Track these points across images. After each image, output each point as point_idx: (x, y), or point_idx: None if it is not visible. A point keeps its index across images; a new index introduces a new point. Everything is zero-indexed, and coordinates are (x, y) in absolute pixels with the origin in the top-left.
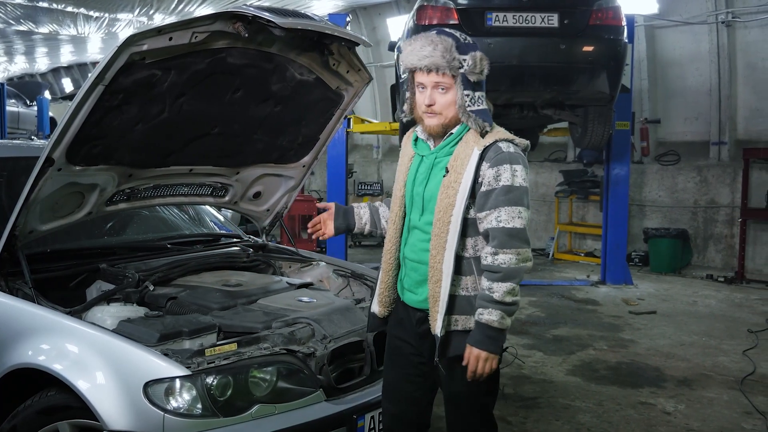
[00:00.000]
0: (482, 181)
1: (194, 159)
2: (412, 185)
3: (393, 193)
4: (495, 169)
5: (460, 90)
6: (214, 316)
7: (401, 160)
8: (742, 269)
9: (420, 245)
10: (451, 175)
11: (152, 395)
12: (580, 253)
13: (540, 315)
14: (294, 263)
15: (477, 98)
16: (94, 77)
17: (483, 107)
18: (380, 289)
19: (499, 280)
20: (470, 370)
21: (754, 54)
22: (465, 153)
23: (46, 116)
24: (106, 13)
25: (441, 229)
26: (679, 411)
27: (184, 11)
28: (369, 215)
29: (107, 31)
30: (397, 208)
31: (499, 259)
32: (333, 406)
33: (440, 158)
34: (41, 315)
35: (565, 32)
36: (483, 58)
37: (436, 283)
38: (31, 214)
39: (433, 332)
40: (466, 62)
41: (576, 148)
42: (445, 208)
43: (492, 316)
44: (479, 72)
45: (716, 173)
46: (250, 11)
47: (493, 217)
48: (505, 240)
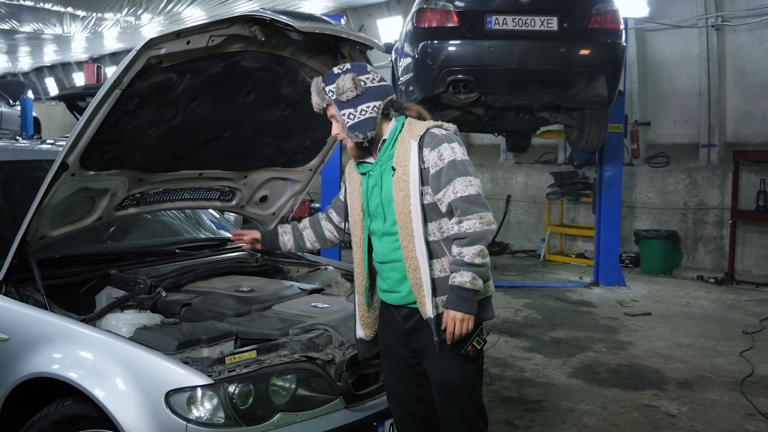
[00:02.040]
0: (428, 166)
1: (204, 163)
2: (367, 201)
3: (351, 218)
4: (436, 151)
5: (339, 114)
6: (230, 322)
7: (351, 187)
8: (732, 270)
9: (392, 246)
10: (398, 171)
11: (174, 405)
12: (571, 255)
13: (536, 317)
14: (301, 267)
15: (360, 111)
16: (112, 81)
17: (365, 117)
18: (359, 312)
19: (467, 244)
20: (449, 331)
21: (743, 57)
22: (404, 148)
23: (30, 116)
24: (94, 12)
25: (404, 220)
26: (683, 413)
27: (172, 11)
28: (293, 242)
29: (93, 31)
30: (359, 232)
31: (464, 226)
32: (353, 414)
33: (384, 164)
34: (55, 323)
35: (565, 35)
36: (346, 79)
37: (415, 270)
38: (42, 219)
39: (425, 317)
40: (332, 90)
41: (566, 150)
42: (402, 200)
43: (464, 277)
44: (346, 91)
45: (705, 175)
46: (267, 15)
47: (450, 191)
48: (466, 207)
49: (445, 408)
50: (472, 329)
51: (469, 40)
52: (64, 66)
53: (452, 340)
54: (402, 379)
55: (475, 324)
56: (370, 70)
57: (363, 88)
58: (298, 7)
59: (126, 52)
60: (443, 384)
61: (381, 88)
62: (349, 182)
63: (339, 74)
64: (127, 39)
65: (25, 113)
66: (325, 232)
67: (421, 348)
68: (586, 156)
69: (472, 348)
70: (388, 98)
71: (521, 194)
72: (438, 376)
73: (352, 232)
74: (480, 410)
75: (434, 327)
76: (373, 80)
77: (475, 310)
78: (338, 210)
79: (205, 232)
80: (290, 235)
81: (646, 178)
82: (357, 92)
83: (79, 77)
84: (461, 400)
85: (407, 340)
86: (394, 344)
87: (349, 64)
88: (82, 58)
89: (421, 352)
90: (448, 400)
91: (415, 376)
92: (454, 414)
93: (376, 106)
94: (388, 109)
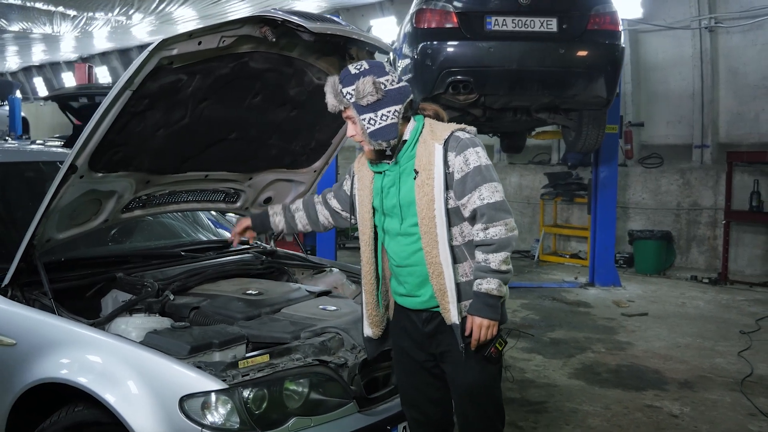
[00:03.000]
0: (452, 171)
1: (210, 165)
2: (382, 201)
3: (360, 216)
4: (462, 155)
5: (358, 118)
6: (241, 326)
7: (361, 184)
8: (725, 270)
9: (409, 248)
10: (422, 174)
11: (189, 410)
12: (565, 255)
13: (534, 318)
14: (306, 270)
15: (380, 117)
16: (123, 82)
17: (387, 123)
18: (367, 311)
19: (493, 251)
20: (474, 338)
21: (736, 59)
22: (427, 151)
23: (18, 116)
24: (84, 11)
25: (428, 226)
26: (686, 414)
27: (164, 11)
28: (284, 223)
29: (83, 31)
30: (368, 230)
31: (490, 233)
32: (367, 418)
33: (404, 164)
34: (64, 327)
35: (564, 37)
36: (366, 83)
37: (439, 276)
38: (49, 222)
39: (450, 322)
40: (351, 92)
41: (560, 150)
42: (427, 205)
43: (491, 284)
44: (367, 95)
45: (699, 176)
46: (279, 15)
47: (476, 197)
48: (493, 213)
49: (465, 410)
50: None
51: (469, 41)
52: (53, 66)
53: (476, 346)
54: (416, 382)
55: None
56: (388, 71)
57: (383, 92)
58: (293, 7)
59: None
60: (466, 387)
61: (401, 90)
62: (358, 177)
63: (357, 75)
64: (117, 39)
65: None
66: (319, 216)
67: (441, 351)
68: (580, 157)
69: (495, 350)
70: (408, 100)
71: (515, 195)
72: (460, 379)
73: (360, 230)
74: (500, 411)
75: (459, 332)
76: (393, 82)
77: (500, 316)
78: (342, 201)
79: (205, 232)
80: (281, 216)
81: (640, 178)
82: (378, 96)
83: (68, 77)
84: (483, 402)
85: (427, 343)
86: (410, 347)
87: (366, 64)
88: (71, 57)
89: (442, 355)
90: (469, 402)
91: (430, 378)
92: (474, 416)
93: (396, 111)
94: (407, 110)
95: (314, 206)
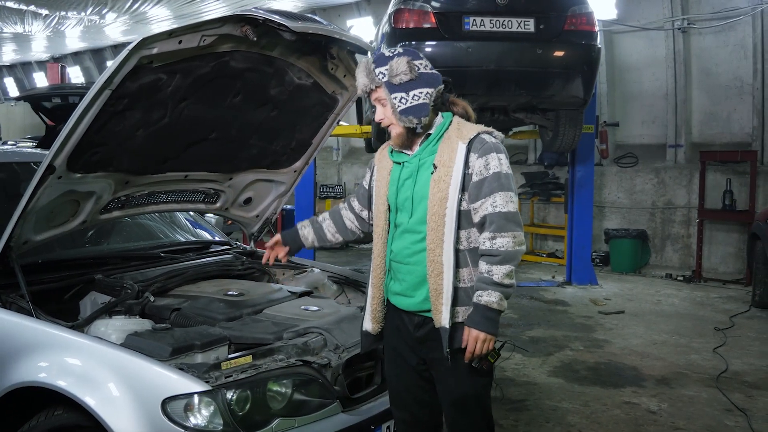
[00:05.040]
0: (472, 172)
1: (190, 165)
2: (396, 192)
3: (375, 208)
4: (484, 158)
5: (389, 97)
6: (222, 327)
7: (379, 174)
8: (699, 268)
9: (413, 247)
10: (440, 170)
11: (171, 412)
12: (543, 254)
13: (513, 316)
14: (288, 270)
15: (412, 96)
16: (102, 81)
17: (419, 102)
18: (372, 305)
19: (498, 263)
20: (468, 350)
21: (708, 60)
22: (450, 148)
23: None
24: (57, 10)
25: (437, 223)
26: (664, 410)
27: (138, 11)
28: (313, 233)
29: (55, 30)
30: (382, 222)
31: (497, 243)
32: (351, 418)
33: (424, 159)
34: (42, 330)
35: (541, 37)
36: (400, 62)
37: (438, 276)
38: (26, 223)
39: (439, 325)
40: (384, 72)
41: (537, 150)
42: (439, 202)
43: (491, 297)
44: (400, 74)
45: (673, 175)
46: (260, 14)
47: (489, 204)
48: (503, 224)
49: (454, 420)
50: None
51: (447, 41)
52: (24, 65)
53: (470, 359)
54: (408, 384)
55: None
56: (422, 57)
57: (417, 73)
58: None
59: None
60: (455, 397)
61: (434, 75)
62: (378, 168)
63: (392, 56)
64: (90, 38)
65: None
66: (345, 222)
67: (432, 357)
68: (556, 156)
69: (486, 362)
70: (439, 87)
71: None
72: (449, 389)
73: (375, 222)
74: (489, 422)
75: (446, 337)
76: (426, 66)
77: (497, 330)
78: (361, 198)
79: (183, 232)
80: (309, 228)
81: (615, 178)
82: (411, 76)
83: (39, 77)
84: (472, 413)
85: (418, 347)
86: (403, 349)
87: (401, 48)
88: (43, 57)
89: (432, 362)
90: (458, 412)
91: (421, 381)
92: (463, 424)
93: (429, 93)
94: (438, 100)
95: (339, 213)
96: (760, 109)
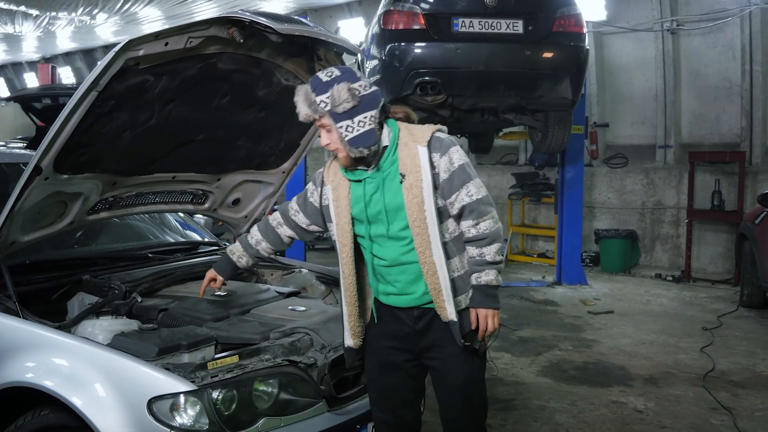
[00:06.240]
0: (439, 171)
1: (178, 166)
2: (365, 208)
3: (338, 228)
4: (447, 156)
5: (335, 126)
6: (209, 327)
7: (336, 194)
8: (688, 268)
9: (401, 249)
10: (409, 177)
11: (157, 412)
12: (533, 255)
13: (503, 317)
14: (275, 270)
15: (357, 123)
16: (89, 83)
17: (365, 129)
18: (349, 323)
19: (487, 244)
20: (482, 329)
21: (697, 61)
22: (411, 154)
23: None
24: (47, 11)
25: (420, 227)
26: (650, 409)
27: (128, 11)
28: (246, 257)
29: (45, 30)
30: (348, 242)
31: (482, 227)
32: (337, 417)
33: (387, 170)
34: (29, 330)
35: (530, 38)
36: (341, 90)
37: (433, 275)
38: (13, 224)
39: (447, 320)
40: (325, 101)
41: (527, 151)
42: (417, 207)
43: (489, 276)
44: (342, 102)
45: (662, 176)
46: (246, 16)
47: (464, 194)
48: (482, 208)
49: (454, 404)
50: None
51: (436, 42)
52: (15, 66)
53: (483, 337)
54: (394, 384)
55: None
56: (359, 76)
57: (359, 98)
58: (260, 8)
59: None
60: (459, 381)
61: (374, 95)
62: (332, 188)
63: (330, 82)
64: (81, 39)
65: None
66: (282, 238)
67: (429, 347)
68: (546, 157)
69: (484, 343)
70: (381, 105)
71: None
72: (453, 374)
73: (339, 241)
74: (485, 405)
75: (457, 330)
76: (366, 87)
77: (500, 304)
78: (310, 214)
79: (172, 233)
80: (246, 257)
81: (605, 178)
82: (354, 103)
83: (30, 77)
84: (472, 396)
85: (415, 341)
86: (391, 348)
87: (337, 70)
88: (34, 57)
89: (430, 351)
90: (460, 396)
91: (407, 380)
92: (465, 410)
93: (373, 116)
94: (382, 116)
95: (274, 231)
96: (749, 110)
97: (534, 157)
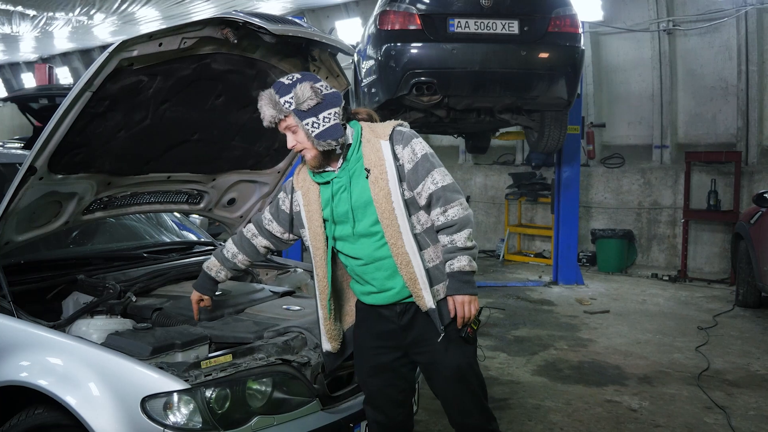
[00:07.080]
0: (403, 162)
1: (173, 166)
2: (332, 209)
3: (311, 232)
4: (409, 147)
5: (301, 124)
6: (204, 326)
7: (306, 199)
8: (684, 268)
9: (374, 245)
10: (374, 171)
11: (151, 411)
12: (530, 254)
13: (499, 316)
14: (270, 270)
15: (322, 120)
16: (83, 84)
17: (330, 123)
18: (326, 326)
19: (456, 230)
20: (459, 316)
21: (693, 61)
22: (375, 149)
23: None
24: (45, 11)
25: (389, 219)
26: (645, 408)
27: (126, 11)
28: (224, 270)
29: (43, 31)
30: (321, 245)
31: (450, 214)
32: (330, 416)
33: (353, 167)
34: (23, 330)
35: (525, 39)
36: (304, 88)
37: (408, 265)
38: (8, 224)
39: (425, 308)
40: (289, 101)
41: (524, 151)
42: (384, 199)
43: (462, 262)
44: (306, 99)
45: (659, 176)
46: (240, 17)
47: (430, 182)
48: (448, 195)
49: (454, 394)
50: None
51: (432, 42)
52: (12, 66)
53: (462, 324)
54: (382, 385)
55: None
56: (320, 78)
57: (321, 96)
58: (257, 8)
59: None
60: (451, 369)
61: (335, 94)
62: (302, 193)
63: (292, 84)
64: (78, 39)
65: None
66: (258, 249)
67: (420, 340)
68: (543, 157)
69: (471, 330)
70: (342, 104)
71: (480, 195)
72: (445, 364)
73: (313, 245)
74: (483, 386)
75: (436, 316)
76: (327, 87)
77: (477, 290)
78: (282, 222)
79: (168, 233)
80: (224, 271)
81: (602, 178)
82: (317, 100)
83: (28, 77)
84: (470, 380)
85: (401, 337)
86: (377, 348)
87: (298, 74)
88: (31, 58)
89: (418, 345)
90: (458, 384)
91: (396, 380)
92: (466, 396)
93: (336, 112)
94: (343, 116)
95: (249, 242)
96: (745, 110)
97: (531, 157)
